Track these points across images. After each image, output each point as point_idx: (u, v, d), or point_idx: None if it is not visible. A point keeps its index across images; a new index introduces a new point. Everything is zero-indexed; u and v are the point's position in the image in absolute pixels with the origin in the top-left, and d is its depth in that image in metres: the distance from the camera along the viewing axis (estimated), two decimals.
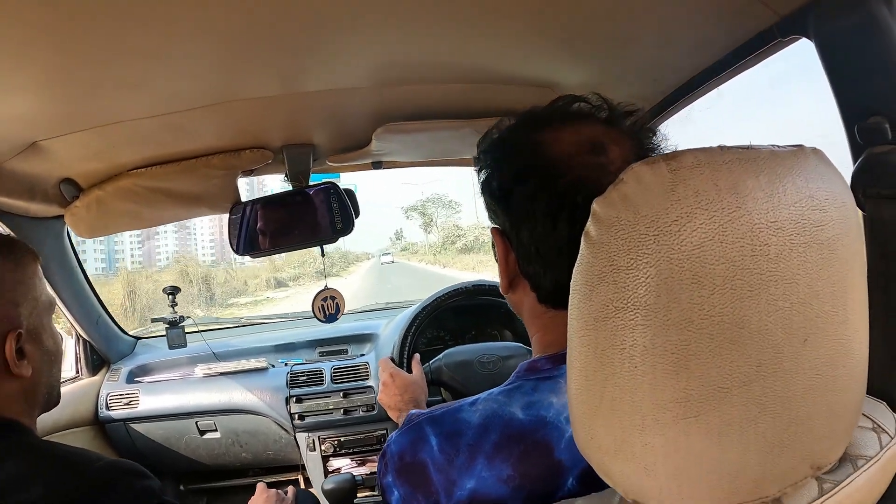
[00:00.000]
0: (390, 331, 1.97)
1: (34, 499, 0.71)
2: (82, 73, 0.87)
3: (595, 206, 0.42)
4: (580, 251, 0.43)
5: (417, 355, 1.49)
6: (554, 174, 0.61)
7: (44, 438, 0.86)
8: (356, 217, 1.41)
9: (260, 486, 1.33)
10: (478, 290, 1.86)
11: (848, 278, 0.43)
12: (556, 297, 0.63)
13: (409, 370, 1.41)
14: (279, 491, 1.32)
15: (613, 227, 0.40)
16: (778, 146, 0.43)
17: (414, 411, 0.67)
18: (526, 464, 0.56)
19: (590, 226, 0.42)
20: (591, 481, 0.51)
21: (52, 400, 0.91)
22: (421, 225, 64.79)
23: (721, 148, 0.41)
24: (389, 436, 0.67)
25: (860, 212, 0.47)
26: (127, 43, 0.79)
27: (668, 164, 0.39)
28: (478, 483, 0.57)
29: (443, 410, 0.64)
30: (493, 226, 0.69)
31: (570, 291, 0.44)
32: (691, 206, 0.38)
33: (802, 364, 0.41)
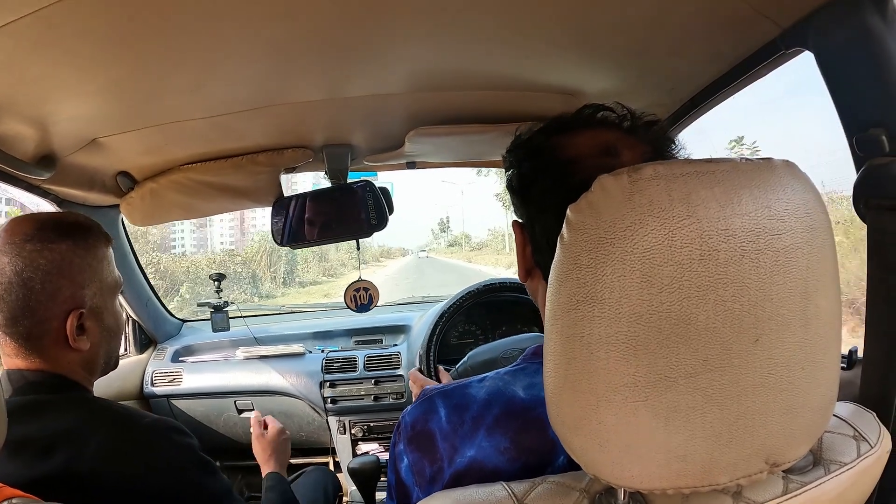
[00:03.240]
0: (423, 323, 2.01)
1: (94, 445, 0.80)
2: (143, 80, 0.94)
3: (568, 212, 0.46)
4: (556, 251, 0.47)
5: (442, 368, 1.54)
6: (566, 173, 0.64)
7: None
8: (390, 213, 1.45)
9: (271, 426, 1.43)
10: (508, 287, 1.88)
11: (810, 284, 0.45)
12: None
13: (438, 378, 1.45)
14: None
15: (579, 230, 0.44)
16: (746, 159, 0.45)
17: (428, 387, 0.71)
18: (522, 437, 0.60)
19: (563, 229, 0.46)
20: None
21: (110, 367, 1.00)
22: (498, 195, 41.05)
23: (685, 161, 0.44)
24: (405, 409, 0.71)
25: (830, 222, 0.49)
26: (185, 54, 0.86)
27: (629, 176, 0.43)
28: (478, 452, 0.61)
29: (454, 386, 0.68)
30: (514, 219, 0.73)
31: (548, 286, 0.48)
32: (643, 214, 0.42)
33: (753, 362, 0.43)
